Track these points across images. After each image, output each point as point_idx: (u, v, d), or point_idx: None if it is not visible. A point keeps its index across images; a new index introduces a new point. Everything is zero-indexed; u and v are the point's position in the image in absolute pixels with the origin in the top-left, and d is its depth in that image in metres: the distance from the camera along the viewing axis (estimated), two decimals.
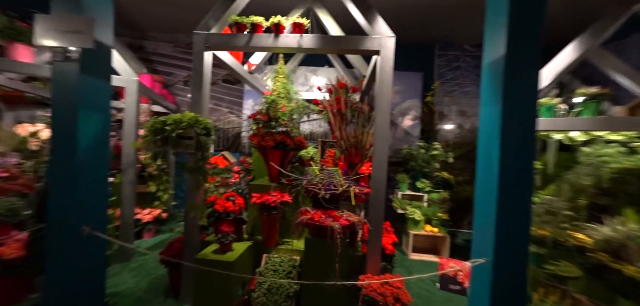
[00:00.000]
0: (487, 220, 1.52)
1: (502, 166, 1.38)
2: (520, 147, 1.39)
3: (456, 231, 4.27)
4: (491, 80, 1.48)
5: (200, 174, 1.70)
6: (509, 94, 1.33)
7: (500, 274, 1.44)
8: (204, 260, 1.83)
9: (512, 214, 1.42)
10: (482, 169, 1.60)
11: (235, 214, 2.10)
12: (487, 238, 1.51)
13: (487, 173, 1.52)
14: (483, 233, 1.59)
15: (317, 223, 1.69)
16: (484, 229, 1.58)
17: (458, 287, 2.52)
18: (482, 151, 1.61)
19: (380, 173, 1.87)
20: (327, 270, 1.70)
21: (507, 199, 1.40)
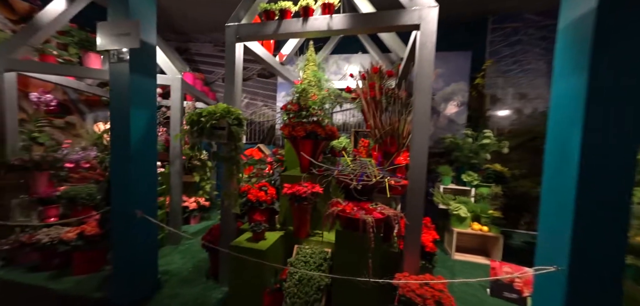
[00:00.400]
0: (560, 222, 1.23)
1: (585, 155, 1.09)
2: (616, 130, 1.06)
3: (511, 232, 3.71)
4: (571, 45, 1.17)
5: (233, 163, 1.74)
6: (602, 58, 1.02)
7: (578, 286, 1.16)
8: (237, 247, 1.90)
9: (596, 215, 1.11)
10: (553, 160, 1.29)
11: (268, 204, 2.13)
12: (559, 243, 1.22)
13: (561, 164, 1.22)
14: (552, 237, 1.29)
15: (348, 215, 1.59)
16: (553, 233, 1.29)
17: (514, 295, 2.17)
18: (554, 137, 1.30)
19: (420, 163, 1.67)
20: (359, 265, 1.60)
21: (590, 197, 1.10)
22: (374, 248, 1.43)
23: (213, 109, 1.65)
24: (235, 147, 1.73)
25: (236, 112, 1.70)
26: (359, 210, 1.67)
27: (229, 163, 1.74)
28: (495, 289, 2.25)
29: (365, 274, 1.50)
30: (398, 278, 1.68)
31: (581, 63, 1.07)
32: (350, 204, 1.78)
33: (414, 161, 1.69)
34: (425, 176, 1.67)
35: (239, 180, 1.76)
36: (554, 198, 1.25)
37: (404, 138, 2.17)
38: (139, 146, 1.78)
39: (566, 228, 1.17)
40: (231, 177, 1.74)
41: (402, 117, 2.21)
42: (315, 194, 2.03)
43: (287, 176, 2.31)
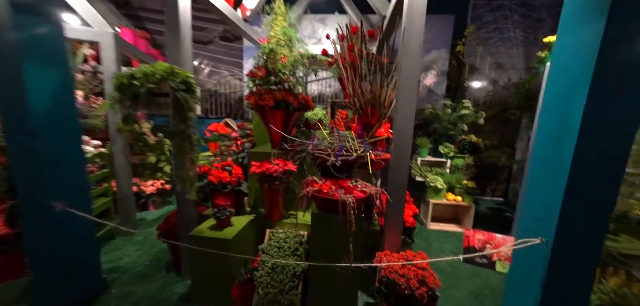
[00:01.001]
0: (550, 192, 1.15)
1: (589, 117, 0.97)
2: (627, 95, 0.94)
3: (479, 199, 3.93)
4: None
5: (184, 140, 1.39)
6: None
7: (562, 256, 1.11)
8: (198, 237, 1.62)
9: (589, 187, 1.04)
10: (549, 126, 1.18)
11: (233, 185, 1.84)
12: (547, 214, 1.15)
13: (558, 131, 1.11)
14: (539, 208, 1.23)
15: (325, 196, 1.38)
16: (541, 203, 1.21)
17: (485, 261, 2.26)
18: (553, 100, 1.17)
19: (405, 134, 1.49)
20: (338, 249, 1.44)
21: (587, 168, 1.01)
22: (356, 230, 1.27)
23: (150, 70, 1.25)
24: (184, 120, 1.37)
25: (183, 75, 1.32)
26: (338, 189, 1.47)
27: (179, 140, 1.39)
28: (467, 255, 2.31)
29: (345, 259, 1.34)
30: (379, 257, 1.57)
31: (596, 10, 0.90)
32: (328, 182, 1.57)
33: (399, 132, 1.50)
34: (410, 149, 1.51)
35: (193, 160, 1.43)
36: (546, 167, 1.16)
37: (386, 108, 1.97)
38: (47, 117, 1.33)
39: (556, 199, 1.09)
40: (182, 156, 1.40)
41: (384, 84, 1.99)
42: (288, 173, 1.79)
43: (255, 153, 2.01)
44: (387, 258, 1.57)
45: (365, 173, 2.00)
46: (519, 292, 1.35)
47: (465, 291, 1.92)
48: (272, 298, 1.53)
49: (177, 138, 1.38)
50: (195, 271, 1.71)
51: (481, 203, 3.88)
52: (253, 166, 1.85)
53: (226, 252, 1.58)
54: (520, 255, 1.36)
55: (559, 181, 1.07)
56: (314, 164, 1.71)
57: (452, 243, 2.68)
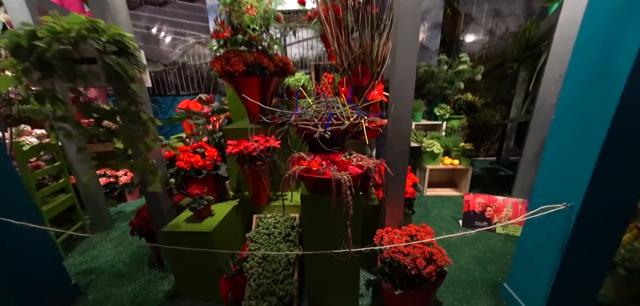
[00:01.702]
0: (579, 149, 0.97)
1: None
2: None
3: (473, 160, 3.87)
4: None
5: (132, 121, 1.10)
6: None
7: (589, 222, 0.97)
8: (173, 232, 1.40)
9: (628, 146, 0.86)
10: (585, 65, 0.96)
11: (208, 170, 1.59)
12: (573, 175, 0.99)
13: (597, 71, 0.90)
14: (563, 168, 1.06)
15: (315, 175, 1.17)
16: (566, 162, 1.05)
17: (485, 223, 2.19)
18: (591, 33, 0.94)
19: (405, 92, 1.25)
20: (334, 234, 1.27)
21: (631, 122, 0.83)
22: (354, 212, 1.08)
23: (61, 25, 0.90)
24: (126, 95, 1.06)
25: (111, 31, 0.98)
26: (329, 165, 1.25)
27: (124, 121, 1.10)
28: (467, 220, 2.25)
29: (343, 244, 1.17)
30: (380, 235, 1.42)
31: None
32: (317, 158, 1.34)
33: (398, 91, 1.26)
34: (411, 108, 1.28)
35: (147, 145, 1.15)
36: (575, 119, 0.97)
37: (379, 65, 1.70)
38: None
39: (588, 156, 0.92)
40: (132, 142, 1.12)
41: (375, 38, 1.69)
42: (271, 150, 1.55)
43: (231, 130, 1.73)
44: (389, 235, 1.42)
45: (358, 143, 1.79)
46: (533, 259, 1.24)
47: (469, 258, 1.86)
48: (266, 290, 1.38)
49: (122, 119, 1.08)
50: (177, 269, 1.52)
51: (475, 164, 3.83)
52: (229, 146, 1.59)
53: (207, 247, 1.39)
54: (535, 221, 1.24)
55: (595, 134, 0.89)
56: (299, 138, 1.47)
57: (451, 208, 2.61)
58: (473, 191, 2.88)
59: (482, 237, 2.11)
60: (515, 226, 2.09)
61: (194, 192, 1.46)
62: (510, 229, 2.11)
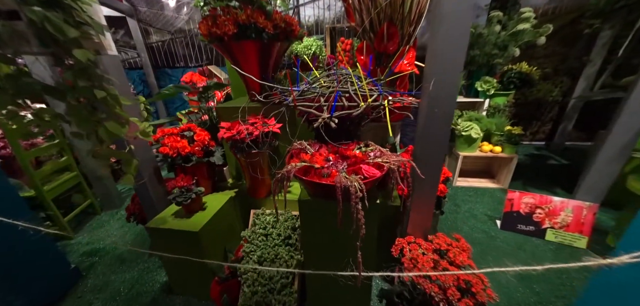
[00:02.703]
0: None
1: None
2: None
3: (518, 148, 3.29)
4: None
5: (85, 96, 0.87)
6: None
7: None
8: (158, 230, 1.23)
9: None
10: None
11: (198, 157, 1.36)
12: None
13: None
14: None
15: (314, 179, 0.87)
16: None
17: (531, 228, 1.79)
18: None
19: (452, 62, 0.86)
20: (338, 247, 1.00)
21: None
22: (367, 225, 0.79)
23: None
24: (70, 66, 0.81)
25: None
26: (337, 162, 0.94)
27: (71, 100, 0.86)
28: (507, 221, 1.86)
29: (352, 266, 0.91)
30: (400, 245, 1.13)
31: None
32: (323, 149, 1.04)
33: (440, 59, 0.87)
34: (458, 87, 0.90)
35: (108, 132, 0.92)
36: None
37: (412, 24, 1.27)
38: None
39: None
40: (86, 127, 0.89)
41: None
42: (271, 136, 1.26)
43: (225, 109, 1.46)
44: (412, 250, 1.12)
45: (379, 126, 1.43)
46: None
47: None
48: (261, 299, 1.19)
49: (69, 98, 0.85)
50: (167, 266, 1.39)
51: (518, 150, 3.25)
52: (221, 129, 1.34)
53: (195, 247, 1.21)
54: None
55: None
56: (303, 123, 1.16)
57: (486, 203, 2.20)
58: (515, 183, 2.42)
59: (526, 245, 1.73)
60: (573, 234, 1.67)
61: (179, 184, 1.26)
62: (565, 237, 1.70)
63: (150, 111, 3.31)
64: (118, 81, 1.21)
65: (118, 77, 1.21)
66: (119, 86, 1.21)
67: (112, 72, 1.16)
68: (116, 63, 1.19)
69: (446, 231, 1.87)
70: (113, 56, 1.14)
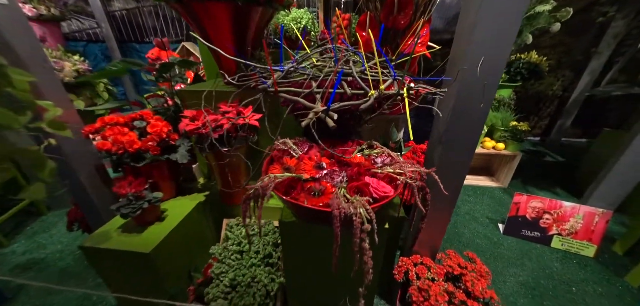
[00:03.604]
0: None
1: None
2: None
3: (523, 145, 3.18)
4: None
5: None
6: None
7: None
8: (96, 249, 0.94)
9: None
10: None
11: (154, 154, 1.06)
12: None
13: None
14: None
15: (300, 203, 0.61)
16: None
17: (536, 234, 1.67)
18: None
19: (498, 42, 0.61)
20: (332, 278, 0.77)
21: None
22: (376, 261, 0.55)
23: None
24: None
25: None
26: (332, 172, 0.69)
27: None
28: (511, 226, 1.72)
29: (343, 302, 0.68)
30: (404, 268, 0.92)
31: None
32: (314, 151, 0.78)
33: (482, 29, 0.62)
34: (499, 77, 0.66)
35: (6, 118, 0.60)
36: None
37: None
38: None
39: None
40: None
41: None
42: (248, 130, 0.98)
43: (190, 93, 1.15)
44: (419, 271, 0.92)
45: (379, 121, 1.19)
46: None
47: (515, 283, 1.38)
48: None
49: None
50: (116, 291, 1.11)
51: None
52: (183, 119, 1.04)
53: (147, 271, 0.94)
54: None
55: None
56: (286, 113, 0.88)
57: (486, 204, 2.06)
58: (514, 182, 2.30)
59: (532, 252, 1.60)
60: (581, 242, 1.56)
61: (124, 190, 0.96)
62: (572, 245, 1.58)
63: (114, 93, 2.85)
64: (28, 46, 0.87)
65: (25, 42, 0.87)
66: (27, 54, 0.87)
67: (10, 32, 0.82)
68: (16, 18, 0.84)
69: (447, 237, 1.71)
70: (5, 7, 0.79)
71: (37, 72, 0.91)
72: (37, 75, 0.92)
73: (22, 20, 0.89)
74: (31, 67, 0.91)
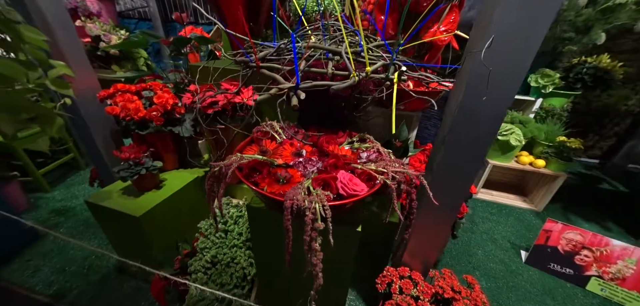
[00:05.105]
0: None
1: None
2: None
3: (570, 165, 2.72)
4: None
5: None
6: None
7: None
8: (97, 206, 1.02)
9: None
10: None
11: (157, 124, 1.10)
12: None
13: None
14: None
15: (259, 187, 0.56)
16: None
17: (568, 271, 1.40)
18: None
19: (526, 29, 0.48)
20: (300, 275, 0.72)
21: None
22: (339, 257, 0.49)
23: None
24: None
25: None
26: (308, 161, 0.63)
27: None
28: (536, 255, 1.47)
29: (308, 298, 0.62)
30: (388, 279, 0.83)
31: None
32: (299, 137, 0.72)
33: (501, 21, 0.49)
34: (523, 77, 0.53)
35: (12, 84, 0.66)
36: None
37: None
38: None
39: None
40: None
41: None
42: (246, 110, 0.96)
43: (196, 68, 1.17)
44: (403, 285, 0.82)
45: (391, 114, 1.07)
46: None
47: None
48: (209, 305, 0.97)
49: None
50: (116, 246, 1.20)
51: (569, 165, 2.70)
52: (186, 94, 1.06)
53: (139, 233, 0.99)
54: None
55: None
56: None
57: (511, 225, 1.81)
58: (553, 206, 1.97)
59: (558, 291, 1.36)
60: (630, 292, 1.27)
61: (124, 155, 1.02)
62: (616, 293, 1.30)
63: (152, 67, 3.10)
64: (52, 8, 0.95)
65: (50, 5, 0.94)
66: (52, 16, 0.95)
67: None
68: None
69: (455, 253, 1.53)
70: None
71: (60, 37, 0.99)
72: (60, 38, 1.01)
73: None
74: (55, 29, 0.99)
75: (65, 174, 2.08)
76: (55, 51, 1.00)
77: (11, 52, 0.71)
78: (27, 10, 0.91)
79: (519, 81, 0.56)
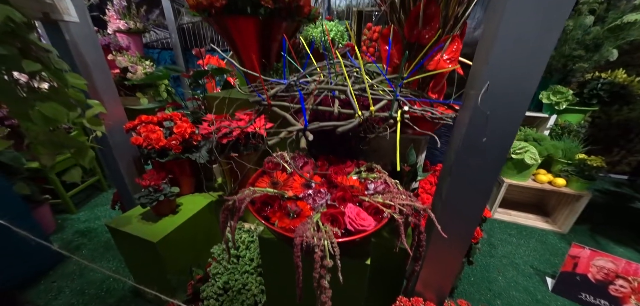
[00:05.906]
0: None
1: None
2: None
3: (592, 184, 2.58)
4: None
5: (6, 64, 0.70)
6: None
7: None
8: (117, 230, 1.08)
9: None
10: None
11: (176, 152, 1.17)
12: None
13: None
14: None
15: (271, 224, 0.59)
16: None
17: (603, 302, 1.29)
18: None
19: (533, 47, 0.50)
20: None
21: None
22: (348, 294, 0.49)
23: None
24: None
25: None
26: (317, 193, 0.65)
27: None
28: (564, 284, 1.37)
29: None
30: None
31: None
32: (309, 167, 0.75)
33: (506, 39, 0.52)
34: (530, 99, 0.54)
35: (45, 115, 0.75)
36: None
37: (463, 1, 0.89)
38: None
39: None
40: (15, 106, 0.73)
41: None
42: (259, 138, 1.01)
43: (212, 98, 1.25)
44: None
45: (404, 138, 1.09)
46: None
47: None
48: None
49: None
50: (132, 270, 1.25)
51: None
52: (203, 123, 1.13)
53: (155, 259, 1.03)
54: None
55: None
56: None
57: (533, 249, 1.70)
58: (579, 228, 1.85)
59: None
60: None
61: (145, 182, 1.08)
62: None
63: (172, 93, 3.32)
64: (93, 55, 1.07)
65: (91, 52, 1.06)
66: (93, 61, 1.07)
67: (81, 44, 1.01)
68: (86, 33, 1.03)
69: (474, 280, 1.46)
70: (78, 25, 0.98)
71: (96, 77, 1.11)
72: (97, 79, 1.13)
73: (92, 34, 1.10)
74: (94, 72, 1.11)
75: (90, 195, 2.21)
76: (92, 90, 1.11)
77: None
78: (71, 56, 1.02)
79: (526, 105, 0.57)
